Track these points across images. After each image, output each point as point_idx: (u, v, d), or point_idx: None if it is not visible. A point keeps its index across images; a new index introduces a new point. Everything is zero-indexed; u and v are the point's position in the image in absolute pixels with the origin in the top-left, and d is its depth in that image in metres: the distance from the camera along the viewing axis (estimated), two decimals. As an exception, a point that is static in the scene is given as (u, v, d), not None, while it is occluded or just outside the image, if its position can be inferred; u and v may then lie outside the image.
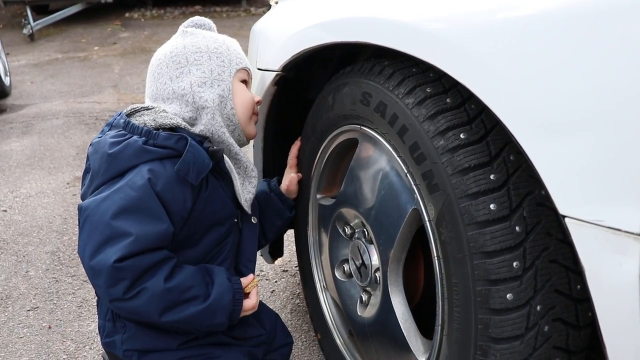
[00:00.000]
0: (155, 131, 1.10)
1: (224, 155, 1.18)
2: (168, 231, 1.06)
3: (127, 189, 1.04)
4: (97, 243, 1.02)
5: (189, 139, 1.10)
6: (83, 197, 1.13)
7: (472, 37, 0.84)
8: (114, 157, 1.07)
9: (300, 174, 1.43)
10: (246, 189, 1.24)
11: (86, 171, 1.16)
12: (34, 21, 6.94)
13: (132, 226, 1.02)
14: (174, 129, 1.13)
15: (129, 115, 1.16)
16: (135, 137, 1.09)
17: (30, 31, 6.81)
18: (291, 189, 1.42)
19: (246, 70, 1.26)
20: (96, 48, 6.42)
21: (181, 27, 1.25)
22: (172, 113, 1.16)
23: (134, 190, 1.04)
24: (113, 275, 1.01)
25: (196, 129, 1.17)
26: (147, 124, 1.12)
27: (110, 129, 1.16)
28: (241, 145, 1.27)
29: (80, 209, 1.07)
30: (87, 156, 1.16)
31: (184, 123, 1.15)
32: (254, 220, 1.28)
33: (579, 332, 0.91)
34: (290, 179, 1.41)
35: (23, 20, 6.96)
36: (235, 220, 1.23)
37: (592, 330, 0.91)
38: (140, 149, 1.07)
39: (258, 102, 1.29)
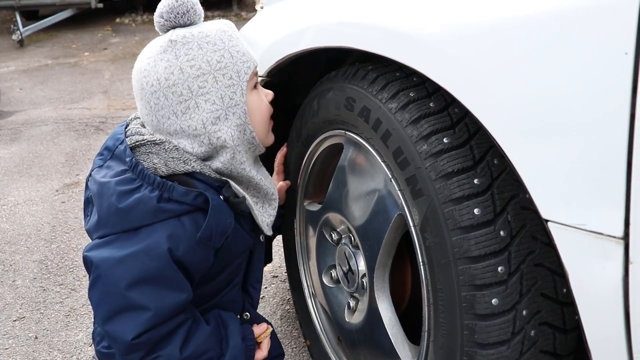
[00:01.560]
0: (170, 183, 0.99)
1: (247, 196, 1.10)
2: (188, 299, 1.01)
3: (145, 258, 0.96)
4: (111, 310, 0.98)
5: (209, 196, 1.00)
6: (87, 232, 1.06)
7: (454, 41, 0.84)
8: (125, 212, 0.98)
9: (288, 182, 1.41)
10: (266, 213, 1.17)
11: (88, 202, 1.07)
12: (24, 27, 6.90)
13: (150, 300, 0.97)
14: (188, 174, 1.02)
15: (133, 148, 1.03)
16: (147, 192, 0.98)
17: (20, 37, 6.77)
18: (279, 196, 1.40)
19: (255, 69, 1.10)
20: (86, 54, 6.39)
21: (168, 36, 1.04)
22: (183, 150, 1.04)
23: (153, 260, 0.96)
24: (129, 349, 0.98)
25: (213, 165, 1.05)
26: (158, 170, 1.00)
27: (111, 158, 1.04)
28: (258, 156, 1.17)
29: (90, 263, 0.99)
30: (87, 187, 1.07)
31: (199, 165, 1.03)
32: (262, 238, 1.22)
33: (566, 336, 0.91)
34: (279, 187, 1.38)
35: (12, 25, 6.92)
36: (251, 247, 1.19)
37: (578, 334, 0.91)
38: (156, 208, 0.97)
39: (272, 99, 1.15)
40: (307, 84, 1.34)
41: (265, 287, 2.05)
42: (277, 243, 1.76)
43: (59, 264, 2.27)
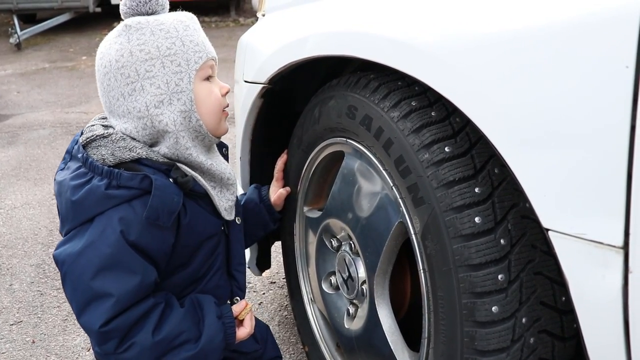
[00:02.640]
0: (117, 170, 1.01)
1: (197, 175, 1.10)
2: (149, 280, 1.03)
3: (101, 246, 0.99)
4: (81, 304, 1.01)
5: (153, 178, 1.01)
6: (60, 232, 1.09)
7: (456, 51, 0.85)
8: (78, 204, 1.01)
9: (288, 188, 1.42)
10: (224, 197, 1.16)
11: (58, 210, 1.10)
12: (21, 30, 6.90)
13: (112, 286, 0.99)
14: (135, 160, 1.04)
15: (85, 145, 1.06)
16: (96, 181, 1.01)
17: (17, 40, 6.77)
18: (277, 203, 1.41)
19: (209, 61, 1.09)
20: (84, 58, 6.40)
21: (125, 22, 1.06)
22: (130, 136, 1.06)
23: (108, 247, 0.99)
24: (101, 337, 1.01)
25: (160, 150, 1.07)
26: (106, 160, 1.03)
27: (70, 159, 1.08)
28: (212, 145, 1.17)
29: (57, 261, 1.03)
30: (55, 195, 1.10)
31: (145, 151, 1.05)
32: (238, 220, 1.23)
33: (565, 344, 0.92)
34: (278, 194, 1.40)
35: (10, 29, 6.92)
36: (222, 228, 1.19)
37: (577, 342, 0.92)
38: (104, 195, 1.00)
39: (226, 93, 1.14)
40: (308, 91, 1.35)
41: (263, 293, 2.05)
42: (276, 249, 1.77)
43: (56, 268, 2.26)
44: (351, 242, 1.22)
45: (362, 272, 1.19)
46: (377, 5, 1.05)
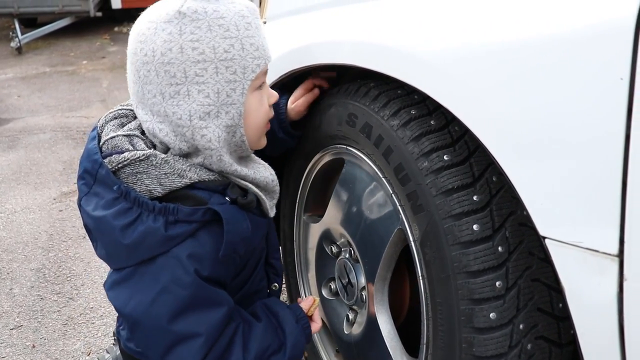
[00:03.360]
0: (172, 206, 0.89)
1: (253, 188, 0.99)
2: (230, 308, 0.96)
3: (176, 288, 0.89)
4: (165, 347, 0.92)
5: (219, 210, 0.90)
6: (102, 259, 0.97)
7: (455, 61, 0.86)
8: (134, 248, 0.89)
9: (316, 91, 1.27)
10: (269, 197, 1.06)
11: (88, 229, 0.97)
12: (22, 34, 6.91)
13: (198, 325, 0.91)
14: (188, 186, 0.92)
15: (117, 170, 0.91)
16: (150, 221, 0.88)
17: (18, 44, 6.78)
18: (300, 110, 1.26)
19: (266, 67, 0.95)
20: (85, 62, 6.41)
21: (178, 5, 0.89)
22: (162, 140, 0.93)
23: (184, 289, 0.89)
24: None
25: (196, 161, 0.94)
26: (153, 192, 0.90)
27: (95, 183, 0.93)
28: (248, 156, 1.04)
29: (122, 314, 0.93)
30: (81, 213, 0.97)
31: (196, 173, 0.92)
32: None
33: (562, 350, 0.93)
34: (304, 100, 1.25)
35: (11, 33, 6.92)
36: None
37: (574, 348, 0.92)
38: (165, 238, 0.88)
39: (275, 102, 1.02)
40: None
41: (263, 298, 2.05)
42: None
43: (56, 272, 2.27)
44: (351, 248, 1.23)
45: (361, 279, 1.20)
46: (376, 14, 1.06)
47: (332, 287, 1.34)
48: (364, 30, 1.07)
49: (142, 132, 0.98)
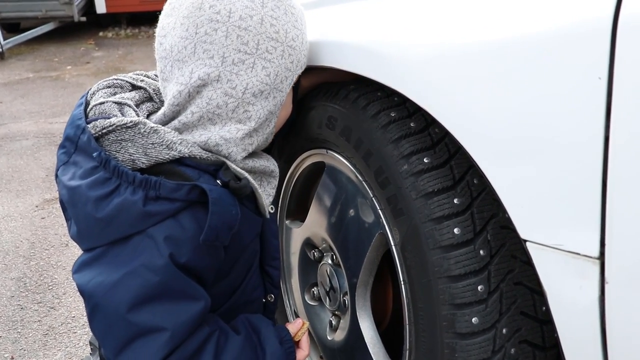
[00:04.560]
0: (154, 179, 0.81)
1: (247, 175, 0.92)
2: (206, 306, 0.86)
3: (145, 272, 0.80)
4: (121, 341, 0.82)
5: (206, 188, 0.82)
6: (73, 240, 0.89)
7: (434, 63, 0.85)
8: (107, 223, 0.81)
9: None
10: (266, 193, 0.99)
11: (63, 207, 0.91)
12: (5, 39, 6.85)
13: (164, 318, 0.81)
14: (175, 160, 0.85)
15: (100, 137, 0.84)
16: (128, 194, 0.80)
17: (1, 50, 6.71)
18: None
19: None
20: (69, 67, 6.35)
21: None
22: (163, 131, 0.84)
23: (155, 274, 0.80)
24: None
25: (200, 138, 0.87)
26: (137, 162, 0.82)
27: (76, 151, 0.86)
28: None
29: (82, 292, 0.83)
30: (59, 191, 0.90)
31: (188, 147, 0.84)
32: (271, 209, 1.03)
33: (545, 353, 0.91)
34: None
35: (-7, 39, 6.87)
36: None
37: (557, 351, 0.91)
38: (142, 214, 0.80)
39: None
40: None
41: (248, 304, 2.03)
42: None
43: (37, 281, 2.23)
44: (332, 253, 1.21)
45: (344, 284, 1.18)
46: (353, 15, 1.05)
47: (314, 292, 1.32)
48: (341, 32, 1.06)
49: (137, 105, 0.93)
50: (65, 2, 7.20)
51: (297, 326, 1.01)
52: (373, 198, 1.01)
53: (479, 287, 0.86)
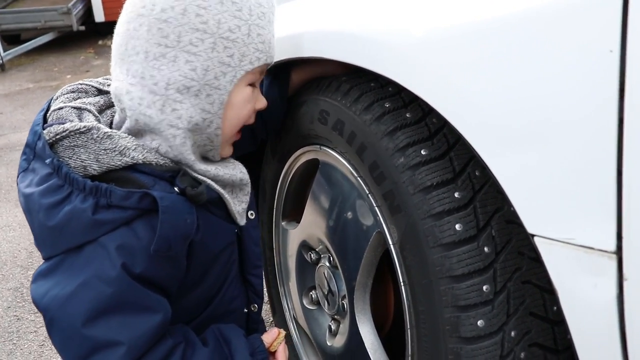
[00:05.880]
0: (104, 186, 0.78)
1: (208, 181, 0.88)
2: (165, 317, 0.83)
3: (98, 284, 0.78)
4: (79, 356, 0.79)
5: (157, 196, 0.79)
6: (36, 246, 0.86)
7: (431, 49, 0.80)
8: (58, 232, 0.79)
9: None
10: (238, 200, 0.95)
11: (30, 226, 0.88)
12: (5, 51, 6.88)
13: (120, 332, 0.78)
14: (129, 166, 0.82)
15: (54, 143, 0.82)
16: (78, 202, 0.78)
17: (1, 61, 6.74)
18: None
19: (265, 66, 0.91)
20: (69, 77, 6.36)
21: None
22: (127, 107, 0.83)
23: (108, 285, 0.78)
24: None
25: (152, 144, 0.85)
26: (89, 169, 0.80)
27: (34, 157, 0.84)
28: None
29: (38, 306, 0.81)
30: (22, 209, 0.87)
31: (142, 153, 0.82)
32: (251, 215, 0.99)
33: (558, 357, 0.86)
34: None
35: (-7, 50, 6.88)
36: (236, 231, 0.98)
37: (571, 354, 0.86)
38: (92, 222, 0.78)
39: (261, 108, 0.95)
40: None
41: (248, 310, 1.98)
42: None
43: (33, 292, 2.19)
44: (330, 255, 1.17)
45: (341, 287, 1.13)
46: (338, 3, 1.00)
47: (313, 296, 1.27)
48: (332, 20, 1.01)
49: (100, 111, 0.90)
50: (63, 12, 7.21)
51: (272, 336, 0.98)
52: (369, 195, 0.96)
53: (484, 287, 0.81)
